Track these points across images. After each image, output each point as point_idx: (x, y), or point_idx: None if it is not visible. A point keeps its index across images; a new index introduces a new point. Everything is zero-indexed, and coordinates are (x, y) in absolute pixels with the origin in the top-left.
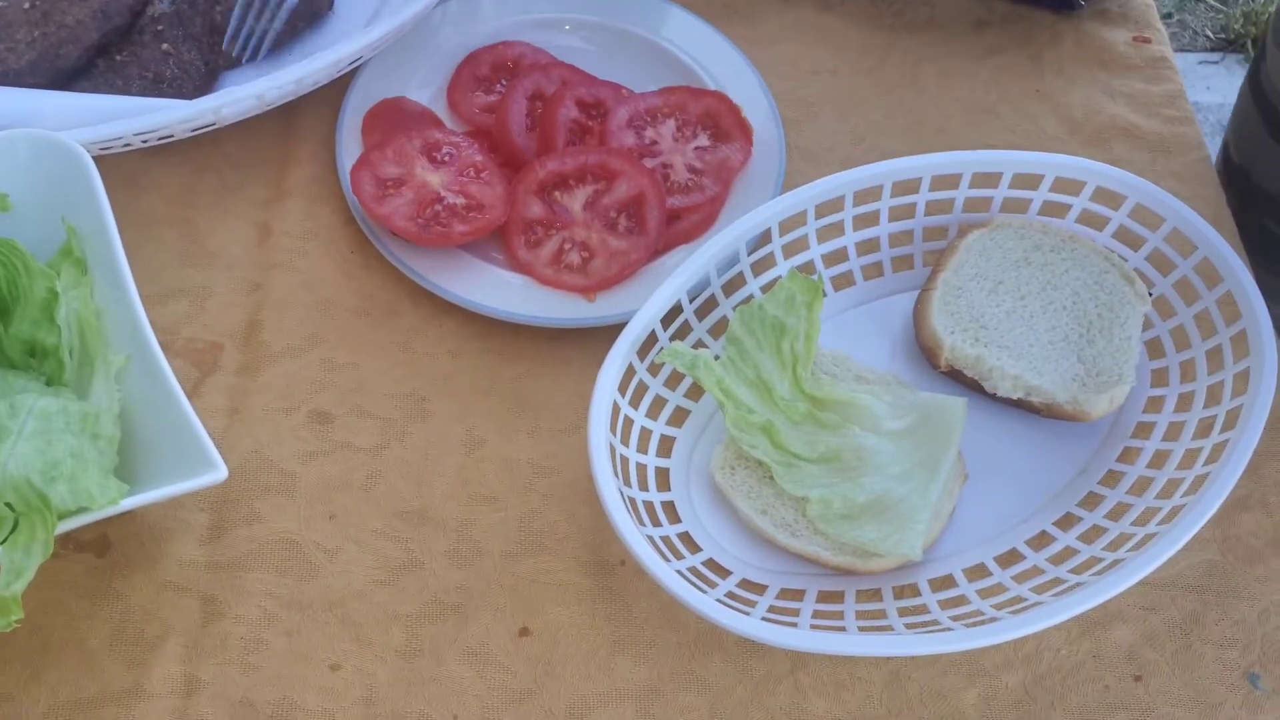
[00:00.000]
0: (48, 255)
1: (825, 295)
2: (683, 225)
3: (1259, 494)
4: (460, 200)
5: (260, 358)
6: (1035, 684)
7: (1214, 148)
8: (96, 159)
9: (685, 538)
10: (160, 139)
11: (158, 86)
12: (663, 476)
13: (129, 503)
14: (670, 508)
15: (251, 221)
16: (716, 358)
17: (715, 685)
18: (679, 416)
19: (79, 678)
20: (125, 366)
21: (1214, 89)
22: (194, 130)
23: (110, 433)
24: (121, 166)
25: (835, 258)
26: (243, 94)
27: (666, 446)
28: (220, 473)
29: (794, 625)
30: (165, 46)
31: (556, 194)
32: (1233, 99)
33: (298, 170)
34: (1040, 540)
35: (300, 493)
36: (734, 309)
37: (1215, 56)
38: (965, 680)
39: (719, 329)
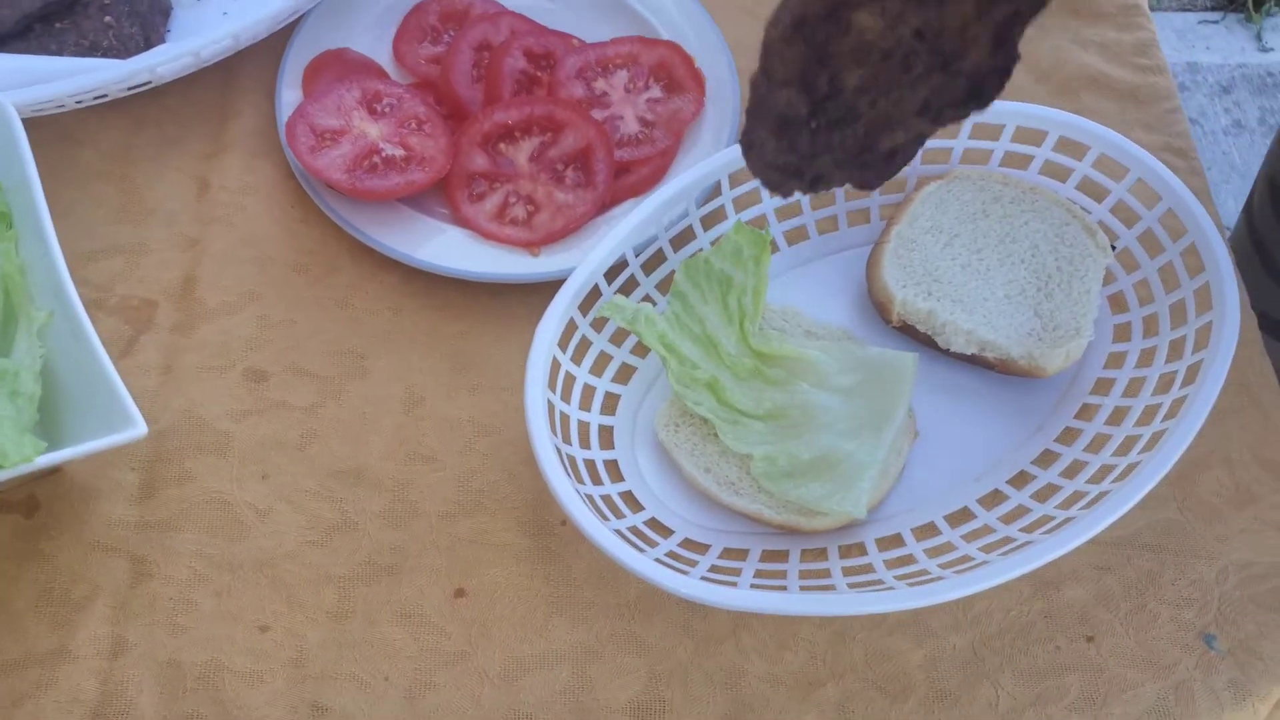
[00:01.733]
0: None
1: (778, 250)
2: (632, 178)
3: (1221, 452)
4: (399, 152)
5: (195, 315)
6: (984, 645)
7: (1216, 113)
8: (31, 118)
9: (628, 496)
10: (96, 99)
11: (93, 54)
12: (606, 434)
13: (44, 460)
14: (613, 466)
15: (190, 176)
16: (662, 313)
17: (655, 647)
18: (625, 373)
19: (2, 640)
20: (48, 323)
21: (1214, 49)
22: (130, 90)
23: (30, 390)
24: (57, 121)
25: (788, 211)
26: (179, 51)
27: (611, 404)
28: (139, 429)
29: (734, 585)
30: (108, 19)
31: (501, 146)
32: (1233, 59)
33: (238, 124)
34: (992, 499)
35: (233, 452)
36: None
37: (1215, 16)
38: (912, 642)
39: (668, 285)
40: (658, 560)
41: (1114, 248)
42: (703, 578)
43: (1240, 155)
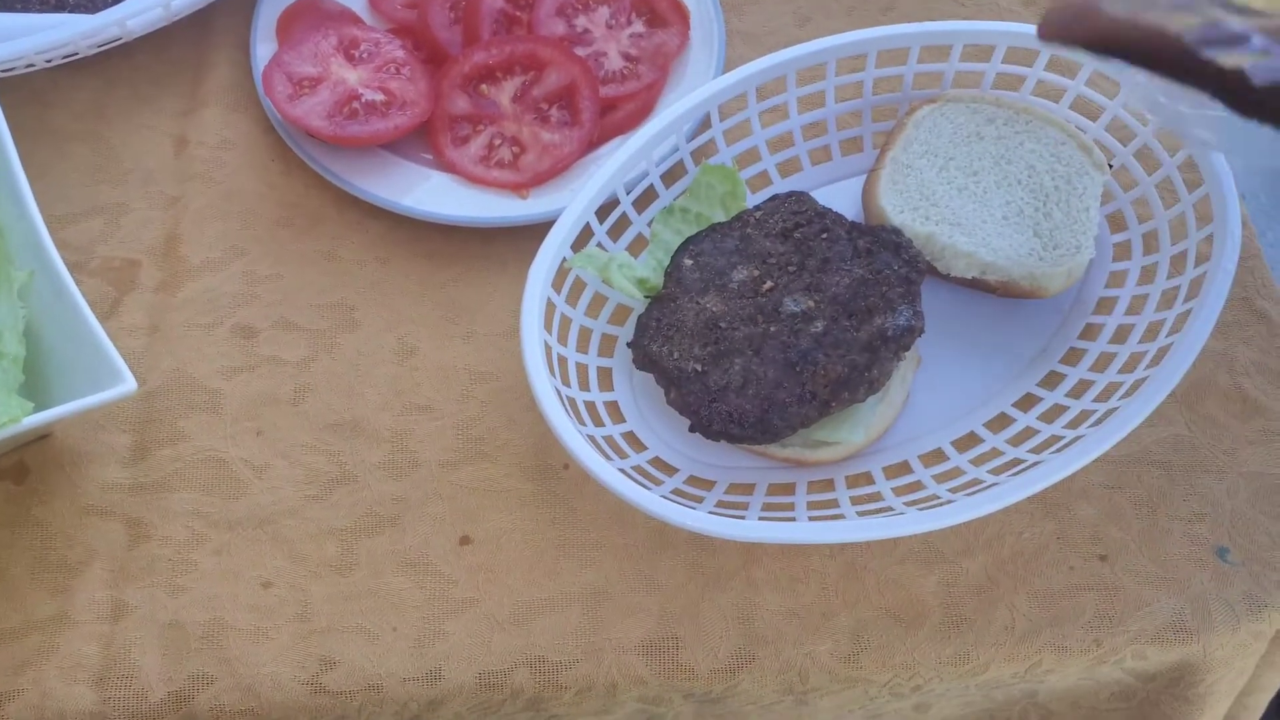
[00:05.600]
0: None
1: (771, 183)
2: (619, 115)
3: (1226, 367)
4: (380, 97)
5: (180, 273)
6: (997, 568)
7: None
8: (1, 79)
9: (630, 437)
10: (65, 57)
11: (59, 10)
12: (605, 376)
13: (32, 420)
14: (614, 407)
15: (166, 134)
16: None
17: (665, 585)
18: (621, 314)
19: (1, 607)
20: (29, 283)
21: None
22: (100, 46)
23: (14, 351)
24: (27, 83)
25: (780, 143)
26: (148, 3)
27: (609, 346)
28: (129, 385)
29: (741, 518)
30: None
31: (483, 87)
32: None
33: (213, 78)
34: (999, 422)
35: (225, 410)
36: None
37: None
38: (923, 568)
39: None
40: (665, 496)
41: (1111, 166)
42: (710, 512)
43: None
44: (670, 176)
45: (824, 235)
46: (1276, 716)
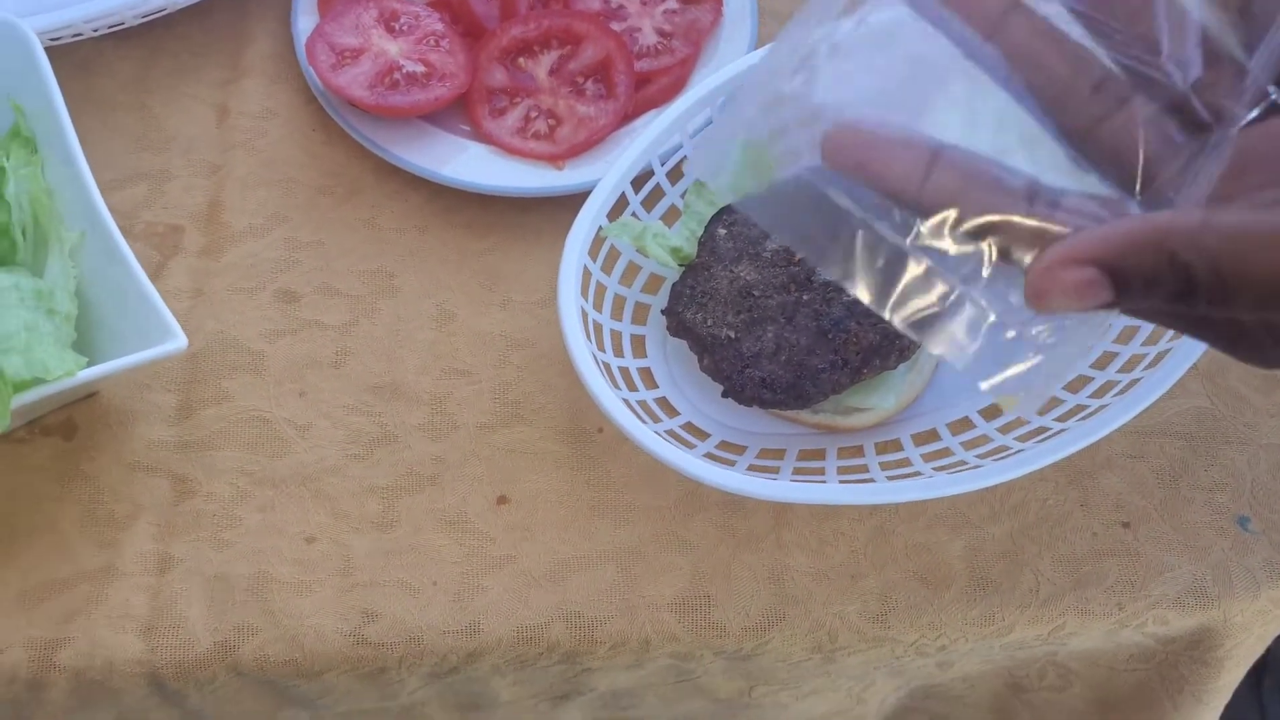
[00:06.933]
0: None
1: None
2: (653, 89)
3: None
4: (420, 68)
5: (222, 239)
6: (1022, 534)
7: None
8: (47, 47)
9: (663, 402)
10: (110, 26)
11: None
12: (639, 343)
13: (87, 374)
14: (647, 374)
15: (209, 103)
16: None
17: (697, 546)
18: (654, 283)
19: (51, 560)
20: (80, 243)
21: None
22: (145, 16)
23: (66, 309)
24: (73, 54)
25: None
26: None
27: (642, 314)
28: (180, 341)
29: (775, 479)
30: None
31: (520, 61)
32: None
33: (255, 49)
34: None
35: (269, 371)
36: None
37: None
38: (950, 533)
39: None
40: (700, 458)
41: None
42: (743, 474)
43: None
44: None
45: None
46: (1255, 689)
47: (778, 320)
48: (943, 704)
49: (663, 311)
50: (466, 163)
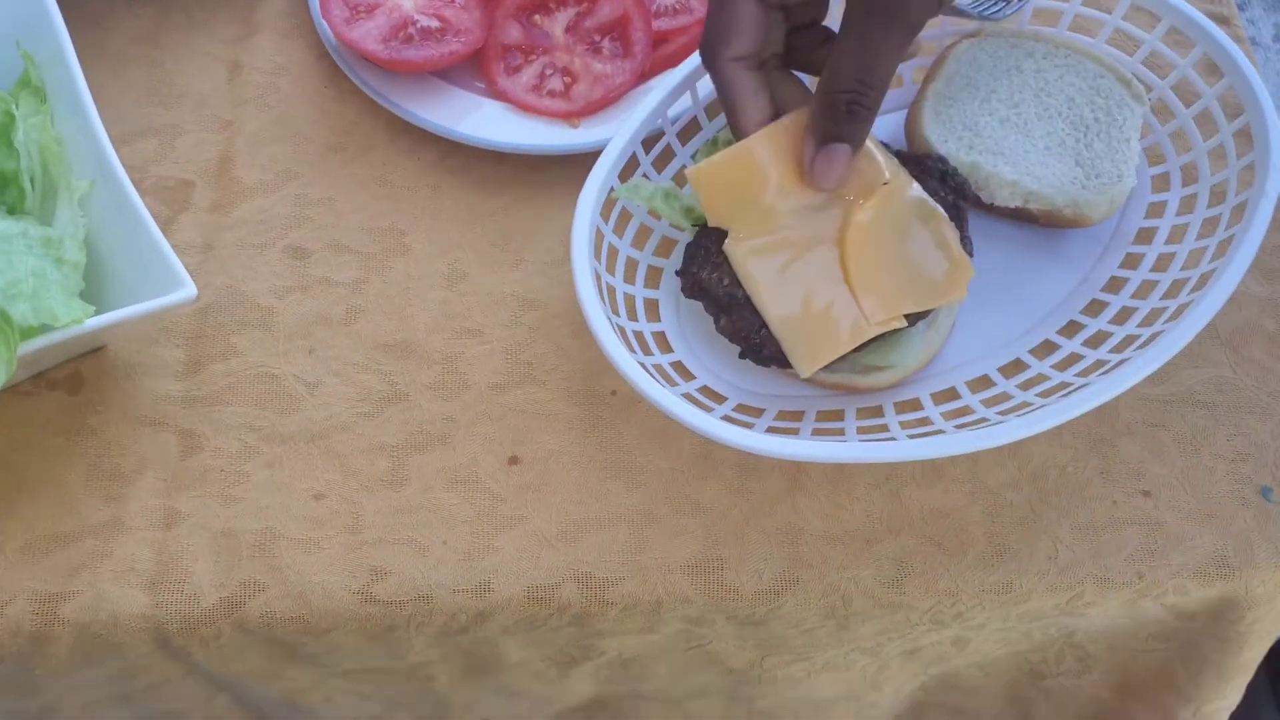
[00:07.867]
0: (5, 86)
1: None
2: (670, 49)
3: (1272, 312)
4: (435, 24)
5: (233, 194)
6: (1041, 501)
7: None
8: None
9: (678, 366)
10: None
11: None
12: (652, 307)
13: (95, 322)
14: (661, 338)
15: (221, 59)
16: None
17: (711, 509)
18: (666, 246)
19: (56, 512)
20: (89, 193)
21: None
22: None
23: (75, 257)
24: (84, 7)
25: None
26: None
27: (654, 278)
28: (189, 290)
29: (794, 437)
30: None
31: (536, 18)
32: None
33: (268, 5)
34: (1044, 349)
35: (278, 327)
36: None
37: None
38: (968, 498)
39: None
40: (719, 419)
41: (1148, 100)
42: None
43: None
44: (714, 110)
45: None
46: (1273, 689)
47: None
48: (959, 696)
49: (677, 272)
50: (480, 120)
